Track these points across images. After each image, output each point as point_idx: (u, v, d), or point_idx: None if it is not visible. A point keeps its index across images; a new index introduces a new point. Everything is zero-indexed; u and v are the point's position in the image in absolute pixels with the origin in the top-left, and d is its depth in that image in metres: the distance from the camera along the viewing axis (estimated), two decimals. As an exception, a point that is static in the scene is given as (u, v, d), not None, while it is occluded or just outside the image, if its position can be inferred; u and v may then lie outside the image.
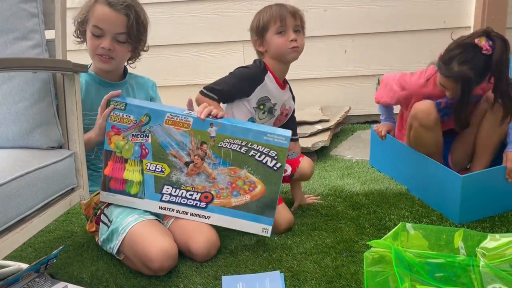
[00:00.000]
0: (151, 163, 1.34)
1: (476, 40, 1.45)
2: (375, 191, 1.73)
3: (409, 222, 1.47)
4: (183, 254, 1.35)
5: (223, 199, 1.35)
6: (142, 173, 1.35)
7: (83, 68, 1.17)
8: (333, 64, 2.57)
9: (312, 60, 2.48)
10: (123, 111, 1.32)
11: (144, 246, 1.24)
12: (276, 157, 1.30)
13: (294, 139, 1.65)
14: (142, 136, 1.33)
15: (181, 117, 1.31)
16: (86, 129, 1.35)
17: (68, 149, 1.18)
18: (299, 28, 1.50)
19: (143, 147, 1.33)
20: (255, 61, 1.56)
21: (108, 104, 1.32)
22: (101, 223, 1.37)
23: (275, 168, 1.32)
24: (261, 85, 1.51)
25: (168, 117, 1.31)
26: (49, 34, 1.17)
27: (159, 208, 1.37)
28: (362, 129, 2.54)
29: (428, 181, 1.60)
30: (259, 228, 1.35)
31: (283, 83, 1.57)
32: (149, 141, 1.33)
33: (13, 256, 1.40)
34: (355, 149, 2.23)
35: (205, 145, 1.32)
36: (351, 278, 1.21)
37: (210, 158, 1.32)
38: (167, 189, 1.35)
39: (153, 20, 2.49)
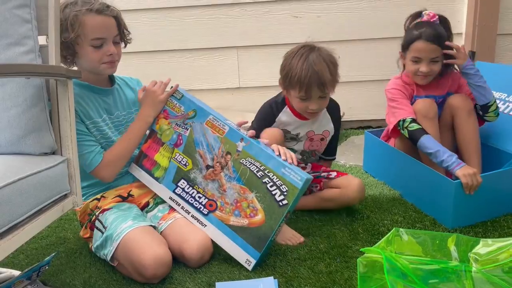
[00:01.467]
0: (179, 154, 1.41)
1: (423, 13, 1.68)
2: (369, 196, 1.74)
3: (403, 227, 1.47)
4: (177, 260, 1.35)
5: (224, 213, 1.35)
6: (170, 161, 1.41)
7: (77, 73, 1.17)
8: (326, 70, 2.58)
9: (306, 66, 2.49)
10: (178, 100, 1.43)
11: (138, 253, 1.23)
12: (285, 193, 1.27)
13: (329, 159, 1.73)
14: (183, 127, 1.40)
15: (220, 123, 1.36)
16: (95, 139, 1.37)
17: (61, 155, 1.18)
18: (326, 93, 1.48)
19: (180, 137, 1.40)
20: (279, 94, 1.62)
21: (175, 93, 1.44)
22: (95, 229, 1.36)
23: (280, 203, 1.27)
24: (276, 121, 1.59)
25: (210, 118, 1.37)
26: (43, 40, 1.16)
27: (169, 199, 1.41)
28: (356, 134, 2.55)
29: (421, 186, 1.61)
30: (244, 257, 1.31)
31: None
32: (187, 134, 1.39)
33: (5, 263, 1.39)
34: (349, 155, 2.24)
35: (229, 156, 1.34)
36: (345, 284, 1.21)
37: (229, 170, 1.34)
38: (183, 183, 1.40)
39: (147, 26, 2.52)
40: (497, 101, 1.83)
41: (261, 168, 1.29)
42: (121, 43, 1.42)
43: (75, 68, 1.38)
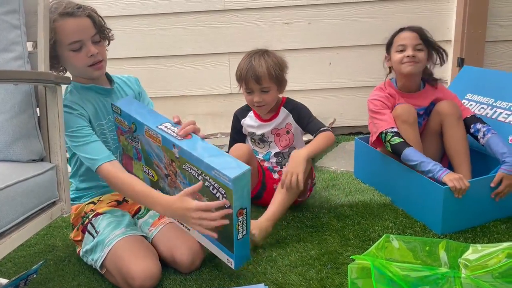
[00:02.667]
0: (145, 166, 1.38)
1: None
2: (360, 202, 1.74)
3: (393, 233, 1.49)
4: (167, 266, 1.34)
5: None
6: (143, 173, 1.40)
7: (66, 80, 1.17)
8: (317, 76, 2.59)
9: (297, 72, 2.50)
10: (119, 115, 1.35)
11: (128, 263, 1.22)
12: (225, 195, 1.14)
13: (318, 132, 1.63)
14: (135, 141, 1.35)
15: (154, 132, 1.25)
16: (102, 140, 1.33)
17: (50, 161, 1.17)
18: (267, 88, 1.61)
19: (137, 151, 1.36)
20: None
21: (112, 107, 1.37)
22: (87, 232, 1.35)
23: (226, 205, 1.16)
24: (242, 125, 1.77)
25: (146, 129, 1.28)
26: (31, 46, 1.16)
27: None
28: (347, 140, 2.56)
29: (411, 192, 1.62)
30: (225, 257, 1.27)
31: (269, 115, 1.72)
32: (140, 147, 1.34)
33: (-8, 271, 1.37)
34: (340, 161, 2.25)
35: (174, 163, 1.26)
36: (336, 290, 1.21)
37: (180, 177, 1.26)
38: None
39: (138, 32, 2.52)
40: (485, 106, 1.86)
41: (198, 172, 1.18)
42: (103, 42, 1.36)
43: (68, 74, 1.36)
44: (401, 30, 1.75)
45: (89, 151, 1.27)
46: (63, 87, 1.23)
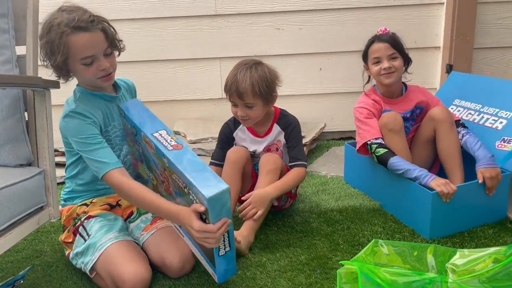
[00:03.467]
0: (146, 169, 1.38)
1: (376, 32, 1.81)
2: (349, 207, 1.75)
3: (382, 238, 1.49)
4: (157, 271, 1.33)
5: None
6: (146, 174, 1.41)
7: (54, 84, 1.16)
8: (308, 82, 2.61)
9: (288, 77, 2.51)
10: (124, 118, 1.35)
11: (119, 267, 1.22)
12: (205, 213, 1.13)
13: (294, 165, 1.63)
14: (137, 144, 1.35)
15: (149, 139, 1.24)
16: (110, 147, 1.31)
17: (38, 166, 1.16)
18: (251, 104, 1.56)
19: (139, 153, 1.37)
20: None
21: (120, 110, 1.37)
22: (78, 235, 1.34)
23: (207, 221, 1.14)
24: (235, 141, 1.72)
25: (143, 135, 1.27)
26: (20, 50, 1.15)
27: None
28: (337, 145, 2.57)
29: (400, 197, 1.63)
30: (210, 270, 1.27)
31: (263, 130, 1.68)
32: (141, 150, 1.34)
33: (-22, 277, 1.35)
34: (330, 165, 2.25)
35: (166, 172, 1.25)
36: (325, 295, 1.22)
37: (171, 185, 1.26)
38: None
39: (130, 36, 2.51)
40: (472, 112, 1.87)
41: (183, 185, 1.17)
42: (113, 53, 1.33)
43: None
44: (373, 41, 1.78)
45: (100, 155, 1.25)
46: (57, 90, 1.22)
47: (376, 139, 1.68)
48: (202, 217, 1.14)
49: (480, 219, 1.58)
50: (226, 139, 1.71)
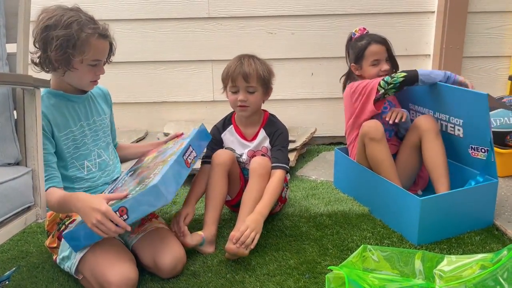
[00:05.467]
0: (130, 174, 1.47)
1: (355, 32, 1.92)
2: (339, 212, 1.76)
3: (371, 243, 1.50)
4: (144, 273, 1.32)
5: None
6: None
7: (45, 83, 1.15)
8: (300, 86, 2.62)
9: (280, 82, 2.49)
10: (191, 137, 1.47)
11: (104, 268, 1.21)
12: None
13: (275, 166, 1.61)
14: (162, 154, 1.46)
15: (186, 144, 1.38)
16: (66, 150, 1.33)
17: (26, 166, 1.14)
18: (253, 89, 1.60)
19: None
20: (227, 115, 1.76)
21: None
22: (63, 239, 1.32)
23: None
24: (224, 141, 1.73)
25: (186, 141, 1.41)
26: (10, 48, 1.14)
27: None
28: (327, 150, 2.58)
29: (389, 203, 1.64)
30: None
31: (251, 132, 1.69)
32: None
33: (-38, 277, 1.33)
34: (320, 170, 2.26)
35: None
36: (313, 299, 1.22)
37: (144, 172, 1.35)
38: None
39: (122, 37, 2.49)
40: (457, 127, 1.84)
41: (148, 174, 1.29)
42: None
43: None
44: (369, 42, 1.82)
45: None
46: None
47: (383, 79, 1.72)
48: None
49: (467, 226, 1.59)
50: (215, 140, 1.71)
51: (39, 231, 1.65)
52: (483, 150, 1.64)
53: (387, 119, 1.73)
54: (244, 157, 1.69)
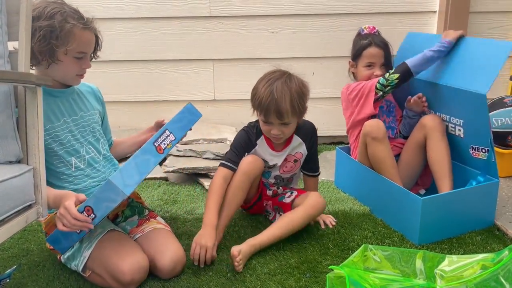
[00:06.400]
0: None
1: (363, 28, 1.89)
2: (340, 212, 1.75)
3: (372, 243, 1.50)
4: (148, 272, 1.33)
5: None
6: None
7: (46, 81, 1.15)
8: (301, 85, 2.61)
9: (281, 81, 2.52)
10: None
11: (116, 259, 1.22)
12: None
13: (312, 175, 1.71)
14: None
15: (161, 130, 1.34)
16: (47, 147, 1.29)
17: (27, 164, 1.14)
18: (289, 122, 1.49)
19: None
20: (255, 122, 1.62)
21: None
22: None
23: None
24: (254, 150, 1.60)
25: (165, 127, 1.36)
26: (11, 46, 1.14)
27: None
28: (328, 150, 2.58)
29: (390, 202, 1.64)
30: None
31: (281, 145, 1.61)
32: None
33: (-38, 275, 1.33)
34: (321, 169, 2.25)
35: None
36: (314, 299, 1.22)
37: None
38: None
39: (123, 36, 2.50)
40: (458, 128, 1.84)
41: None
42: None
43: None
44: (370, 44, 1.81)
45: None
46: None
47: (378, 81, 1.72)
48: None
49: (468, 226, 1.59)
50: (245, 145, 1.59)
51: (40, 229, 1.65)
52: (483, 150, 1.63)
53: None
54: (277, 166, 1.63)
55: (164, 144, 1.29)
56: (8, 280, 1.23)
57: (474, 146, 1.67)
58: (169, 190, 2.02)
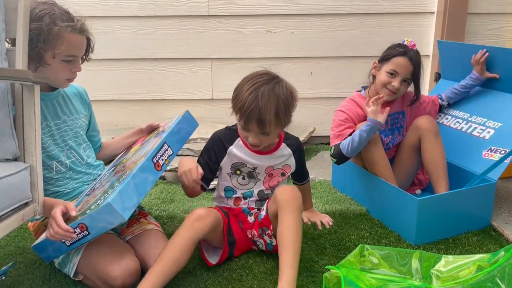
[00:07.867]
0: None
1: (406, 40, 1.77)
2: (336, 211, 1.76)
3: (369, 243, 1.50)
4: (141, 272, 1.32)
5: None
6: None
7: (44, 79, 1.14)
8: (299, 86, 2.54)
9: (279, 80, 2.52)
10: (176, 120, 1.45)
11: (105, 265, 1.21)
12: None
13: (302, 184, 1.62)
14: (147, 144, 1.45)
15: (160, 143, 1.31)
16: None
17: (24, 161, 1.14)
18: (269, 131, 1.33)
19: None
20: (233, 125, 1.47)
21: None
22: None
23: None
24: (228, 151, 1.43)
25: (163, 138, 1.35)
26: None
27: None
28: (326, 149, 2.58)
29: (387, 203, 1.64)
30: None
31: (266, 148, 1.43)
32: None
33: (-42, 273, 1.32)
34: (318, 169, 2.26)
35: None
36: (310, 298, 1.22)
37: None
38: None
39: (121, 34, 2.50)
40: (460, 120, 1.90)
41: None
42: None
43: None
44: (404, 53, 1.71)
45: None
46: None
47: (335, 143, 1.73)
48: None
49: (464, 226, 1.60)
50: (215, 157, 1.43)
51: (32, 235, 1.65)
52: (502, 152, 1.65)
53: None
54: (260, 171, 1.44)
55: (162, 160, 1.28)
56: (4, 278, 1.22)
57: (493, 148, 1.69)
58: (167, 189, 2.02)
